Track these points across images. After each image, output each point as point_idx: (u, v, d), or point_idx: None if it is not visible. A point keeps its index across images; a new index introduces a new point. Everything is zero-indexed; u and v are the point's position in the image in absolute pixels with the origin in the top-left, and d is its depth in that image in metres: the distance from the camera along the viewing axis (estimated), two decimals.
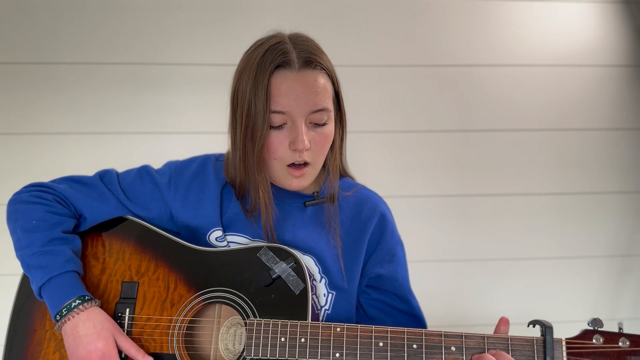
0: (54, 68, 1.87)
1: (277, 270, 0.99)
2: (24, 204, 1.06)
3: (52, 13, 1.88)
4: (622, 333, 0.88)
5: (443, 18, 1.99)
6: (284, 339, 0.95)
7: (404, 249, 1.18)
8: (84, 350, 0.95)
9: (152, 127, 1.89)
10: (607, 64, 2.03)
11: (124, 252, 1.09)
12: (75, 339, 0.95)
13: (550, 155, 2.00)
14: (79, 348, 0.95)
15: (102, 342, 0.95)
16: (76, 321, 0.96)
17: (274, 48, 0.96)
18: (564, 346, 0.89)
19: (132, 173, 1.14)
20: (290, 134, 0.98)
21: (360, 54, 1.95)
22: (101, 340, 0.95)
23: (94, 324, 0.96)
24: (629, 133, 2.02)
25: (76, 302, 0.97)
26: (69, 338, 0.96)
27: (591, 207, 2.00)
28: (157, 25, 1.90)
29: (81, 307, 0.97)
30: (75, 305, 0.97)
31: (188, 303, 1.02)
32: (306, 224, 1.10)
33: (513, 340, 0.91)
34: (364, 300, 1.16)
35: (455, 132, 1.98)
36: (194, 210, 1.10)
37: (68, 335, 0.97)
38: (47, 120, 1.86)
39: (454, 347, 0.92)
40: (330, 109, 1.00)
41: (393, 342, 0.93)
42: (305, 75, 0.96)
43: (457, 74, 1.98)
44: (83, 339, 0.95)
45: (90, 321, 0.96)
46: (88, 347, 0.95)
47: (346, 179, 1.19)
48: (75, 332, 0.96)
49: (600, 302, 1.99)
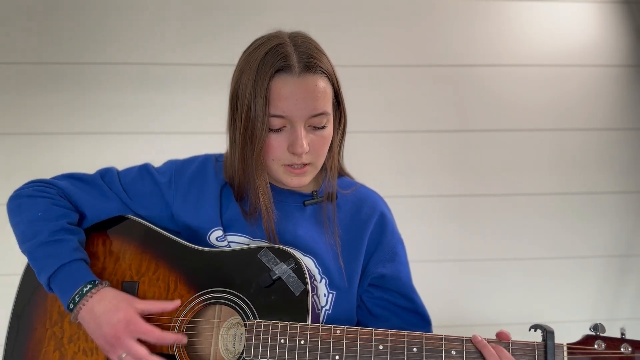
0: (54, 68, 1.86)
1: (277, 272, 0.99)
2: (27, 198, 1.06)
3: (52, 13, 1.87)
4: (624, 339, 0.88)
5: (443, 18, 1.99)
6: (283, 340, 0.95)
7: (404, 247, 1.18)
8: (107, 326, 0.94)
9: (153, 127, 1.89)
10: (607, 64, 2.03)
11: (124, 251, 1.09)
12: (96, 320, 0.95)
13: (550, 156, 2.01)
14: (102, 326, 0.94)
15: (122, 312, 0.95)
16: (91, 304, 0.96)
17: (275, 51, 0.95)
18: (565, 351, 0.89)
19: (133, 171, 1.14)
20: (289, 137, 0.97)
21: (360, 54, 1.95)
22: (121, 311, 0.95)
23: (109, 300, 0.96)
24: (629, 133, 2.02)
25: (87, 287, 0.97)
26: (89, 322, 0.96)
27: (591, 207, 2.01)
28: (157, 25, 1.90)
29: (94, 290, 0.97)
30: (87, 290, 0.97)
31: (188, 303, 1.02)
32: (306, 224, 1.10)
33: (514, 344, 0.91)
34: (367, 299, 1.15)
35: (455, 132, 1.98)
36: (194, 210, 1.10)
37: (87, 320, 0.96)
38: (47, 120, 1.86)
39: (454, 351, 0.92)
40: (329, 112, 1.00)
41: (393, 345, 0.93)
42: (305, 80, 0.95)
43: (457, 74, 1.98)
44: (103, 317, 0.95)
45: (105, 299, 0.96)
46: (111, 321, 0.94)
47: (345, 178, 1.19)
48: (93, 314, 0.95)
49: (600, 302, 1.99)
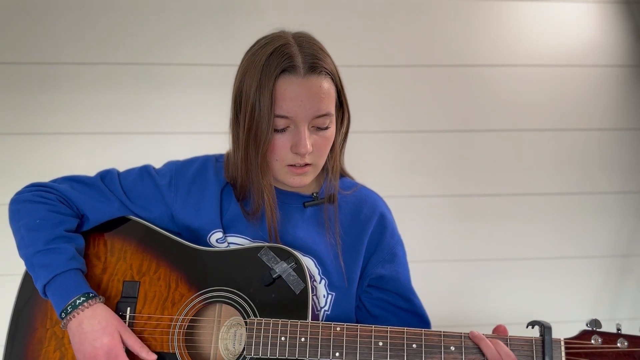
0: (54, 68, 1.87)
1: (277, 270, 0.99)
2: (27, 203, 1.06)
3: (52, 13, 1.87)
4: (620, 334, 0.89)
5: (443, 18, 1.99)
6: (284, 338, 0.95)
7: (404, 248, 1.18)
8: (90, 346, 0.95)
9: (153, 127, 1.89)
10: (607, 64, 2.02)
11: (125, 251, 1.09)
12: (81, 336, 0.96)
13: (550, 155, 2.00)
14: (84, 344, 0.95)
15: (108, 337, 0.96)
16: (81, 318, 0.97)
17: (280, 51, 0.96)
18: (563, 346, 0.89)
19: (133, 173, 1.14)
20: (292, 137, 0.98)
21: (360, 54, 1.95)
22: (107, 336, 0.96)
23: (99, 320, 0.97)
24: (629, 133, 2.02)
25: (80, 299, 0.98)
26: (75, 335, 0.97)
27: (591, 207, 2.00)
28: (157, 25, 1.90)
29: (86, 304, 0.97)
30: (80, 302, 0.97)
31: (189, 302, 1.03)
32: (306, 225, 1.10)
33: (512, 340, 0.92)
34: (366, 300, 1.16)
35: (456, 132, 1.98)
36: (195, 211, 1.10)
37: (74, 332, 0.97)
38: (47, 120, 1.86)
39: (453, 347, 0.92)
40: (332, 113, 1.01)
41: (392, 341, 0.94)
42: (310, 81, 0.96)
43: (457, 74, 1.98)
44: (89, 335, 0.95)
45: (95, 318, 0.97)
46: (94, 343, 0.95)
47: (345, 179, 1.19)
48: (81, 329, 0.96)
49: (600, 302, 1.99)
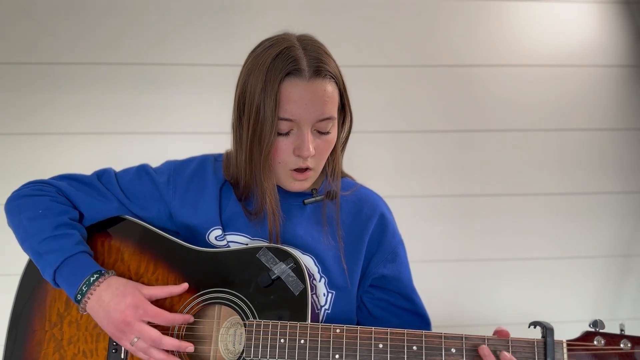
0: (54, 68, 1.86)
1: (276, 271, 0.99)
2: (27, 197, 1.06)
3: (52, 13, 1.87)
4: (623, 335, 0.88)
5: (443, 18, 1.99)
6: (283, 340, 0.95)
7: (405, 248, 1.18)
8: (115, 312, 0.94)
9: (153, 127, 1.89)
10: (607, 64, 2.02)
11: (122, 252, 1.08)
12: (104, 308, 0.95)
13: (550, 156, 2.00)
14: (111, 313, 0.95)
15: (130, 297, 0.95)
16: (99, 293, 0.96)
17: (285, 54, 0.96)
18: (565, 348, 0.89)
19: (130, 172, 1.14)
20: (295, 140, 0.99)
21: (360, 54, 1.95)
22: (128, 296, 0.95)
23: (116, 287, 0.97)
24: (629, 133, 2.02)
25: (94, 276, 0.98)
26: (98, 311, 0.96)
27: (591, 207, 2.00)
28: (157, 25, 1.90)
29: (100, 279, 0.98)
30: (94, 279, 0.97)
31: (188, 304, 1.02)
32: (305, 223, 1.10)
33: (513, 342, 0.91)
34: (367, 300, 1.16)
35: (456, 132, 1.98)
36: (193, 209, 1.10)
37: (96, 309, 0.96)
38: (47, 120, 1.86)
39: (454, 349, 0.92)
40: (335, 116, 1.01)
41: (393, 343, 0.93)
42: (314, 85, 0.96)
43: (458, 74, 1.98)
44: (111, 303, 0.95)
45: (111, 287, 0.97)
46: (118, 307, 0.94)
47: (345, 179, 1.19)
48: (102, 302, 0.96)
49: (600, 302, 1.99)
